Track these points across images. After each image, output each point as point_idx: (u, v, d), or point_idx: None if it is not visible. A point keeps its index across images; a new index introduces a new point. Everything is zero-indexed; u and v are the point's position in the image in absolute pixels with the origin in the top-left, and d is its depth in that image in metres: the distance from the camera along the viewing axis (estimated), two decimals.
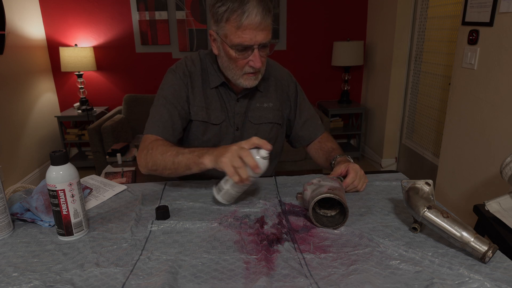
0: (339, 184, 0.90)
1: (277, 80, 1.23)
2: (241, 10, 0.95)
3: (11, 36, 2.88)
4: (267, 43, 1.01)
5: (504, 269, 0.68)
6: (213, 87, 1.16)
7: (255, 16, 0.95)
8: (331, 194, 0.82)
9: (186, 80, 1.16)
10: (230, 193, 0.93)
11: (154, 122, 1.12)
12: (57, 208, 0.78)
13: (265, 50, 1.03)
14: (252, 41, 0.98)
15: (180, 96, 1.14)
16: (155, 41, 3.44)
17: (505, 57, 1.70)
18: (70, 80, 3.52)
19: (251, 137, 0.88)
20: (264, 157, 0.86)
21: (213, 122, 1.17)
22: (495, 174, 1.81)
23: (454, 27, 2.47)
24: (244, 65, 1.04)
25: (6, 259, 0.75)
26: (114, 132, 2.97)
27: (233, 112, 1.18)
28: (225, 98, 1.17)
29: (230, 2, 0.96)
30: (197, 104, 1.15)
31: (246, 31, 0.97)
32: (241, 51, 1.01)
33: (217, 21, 1.00)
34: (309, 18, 3.54)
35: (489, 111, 1.82)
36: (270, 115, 1.21)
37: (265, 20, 0.97)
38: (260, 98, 1.20)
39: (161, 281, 0.65)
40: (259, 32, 0.98)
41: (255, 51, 1.00)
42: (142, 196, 1.02)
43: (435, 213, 0.75)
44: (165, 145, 1.05)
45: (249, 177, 0.85)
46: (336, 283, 0.65)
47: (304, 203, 0.91)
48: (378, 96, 3.44)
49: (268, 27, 1.00)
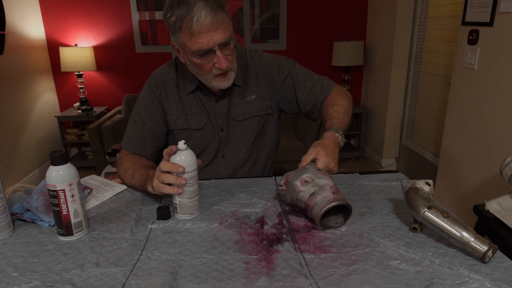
0: (331, 179, 0.88)
1: (257, 69, 1.19)
2: (190, 16, 0.91)
3: (11, 36, 2.88)
4: (227, 41, 0.97)
5: (504, 269, 0.68)
6: (190, 92, 1.14)
7: (205, 18, 0.91)
8: (341, 201, 0.81)
9: (159, 91, 1.15)
10: (185, 203, 0.88)
11: (127, 138, 1.18)
12: (57, 208, 0.78)
13: (227, 48, 1.00)
14: (209, 43, 0.95)
15: (151, 110, 1.15)
16: (155, 41, 3.44)
17: (505, 57, 1.70)
18: (70, 80, 3.52)
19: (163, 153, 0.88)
20: (182, 148, 0.86)
21: (194, 128, 1.16)
22: (495, 174, 1.81)
23: (454, 27, 2.47)
24: (211, 69, 1.01)
25: (6, 259, 0.75)
26: (114, 132, 2.97)
27: (215, 114, 1.16)
28: (204, 101, 1.15)
29: (178, 10, 0.93)
30: (174, 113, 1.15)
31: (200, 36, 0.94)
32: (203, 56, 0.98)
33: (173, 32, 0.98)
34: (309, 18, 3.54)
35: (489, 111, 1.82)
36: (254, 109, 1.18)
37: (217, 18, 0.93)
38: (241, 92, 1.17)
39: (161, 281, 0.65)
40: (214, 32, 0.94)
41: (217, 53, 0.97)
42: (142, 196, 1.02)
43: (435, 213, 0.74)
44: (129, 162, 1.10)
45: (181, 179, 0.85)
46: (336, 283, 0.65)
47: (298, 202, 0.87)
48: (378, 96, 3.44)
49: (223, 24, 0.95)
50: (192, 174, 0.87)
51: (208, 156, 1.21)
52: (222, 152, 1.21)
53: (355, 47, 3.38)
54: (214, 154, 1.21)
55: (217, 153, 1.21)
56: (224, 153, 1.22)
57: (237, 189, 1.05)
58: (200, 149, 1.19)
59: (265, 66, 1.20)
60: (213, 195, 1.02)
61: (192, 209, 0.90)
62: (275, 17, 3.47)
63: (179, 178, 0.86)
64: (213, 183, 1.10)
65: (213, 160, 1.22)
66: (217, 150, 1.21)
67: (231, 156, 1.22)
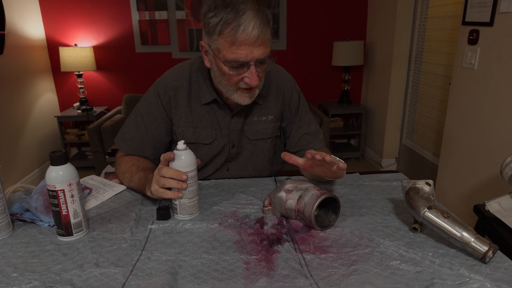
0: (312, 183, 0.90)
1: (279, 89, 1.14)
2: (236, 23, 0.84)
3: (11, 36, 2.88)
4: (264, 59, 0.92)
5: (504, 269, 0.68)
6: (204, 104, 1.08)
7: (252, 30, 0.85)
8: (329, 194, 0.82)
9: (167, 98, 1.08)
10: (184, 204, 0.88)
11: (125, 139, 1.12)
12: (56, 209, 0.78)
13: (262, 66, 0.94)
14: (248, 57, 0.88)
15: (155, 117, 1.09)
16: (155, 41, 3.44)
17: (505, 57, 1.70)
18: (70, 80, 3.52)
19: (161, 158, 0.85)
20: (182, 148, 0.85)
21: (202, 142, 1.10)
22: (495, 174, 1.81)
23: (454, 27, 2.47)
24: (238, 81, 0.95)
25: (5, 259, 0.74)
26: (114, 132, 2.97)
27: (228, 129, 1.10)
28: (218, 115, 1.09)
29: (224, 13, 0.85)
30: (182, 125, 1.09)
31: (241, 47, 0.87)
32: (236, 68, 0.91)
33: (209, 33, 0.90)
34: (309, 18, 3.54)
35: (489, 111, 1.82)
36: (269, 130, 1.13)
37: (263, 34, 0.87)
38: (259, 111, 1.12)
39: (161, 281, 0.65)
40: (256, 47, 0.88)
41: (251, 68, 0.91)
42: (142, 197, 1.02)
43: (436, 213, 0.74)
44: (127, 164, 1.07)
45: (183, 184, 0.84)
46: (336, 283, 0.65)
47: (289, 212, 0.87)
48: (378, 96, 3.44)
49: (266, 41, 0.89)
50: (192, 175, 0.87)
51: (212, 168, 1.17)
52: (228, 165, 1.18)
53: (355, 47, 3.38)
54: (219, 167, 1.17)
55: (222, 166, 1.17)
56: (229, 167, 1.18)
57: (237, 189, 1.05)
58: (205, 162, 1.14)
59: (287, 89, 1.15)
60: (213, 195, 1.02)
61: (192, 209, 0.89)
62: (275, 17, 3.47)
63: (180, 182, 0.84)
64: (213, 183, 1.10)
65: (216, 172, 1.18)
66: (223, 164, 1.17)
67: (236, 171, 1.18)
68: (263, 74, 0.98)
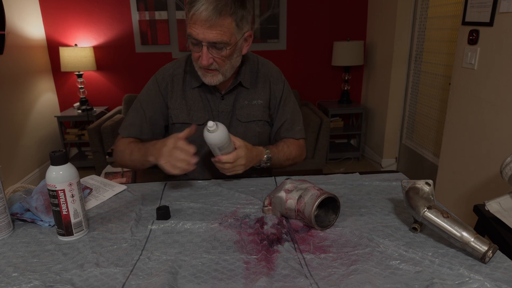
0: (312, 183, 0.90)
1: (266, 76, 1.21)
2: (194, 2, 0.95)
3: (11, 36, 2.88)
4: (216, 44, 0.99)
5: (504, 269, 0.68)
6: (194, 87, 1.16)
7: (201, 11, 0.94)
8: (329, 194, 0.82)
9: (164, 84, 1.18)
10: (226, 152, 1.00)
11: (126, 125, 1.21)
12: (57, 208, 0.78)
13: (218, 52, 1.01)
14: (199, 36, 0.98)
15: (153, 102, 1.18)
16: (155, 41, 3.44)
17: (505, 57, 1.70)
18: (70, 80, 3.52)
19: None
20: (211, 129, 0.91)
21: (196, 123, 1.15)
22: (495, 174, 1.81)
23: (454, 27, 2.47)
24: (197, 59, 1.05)
25: (6, 259, 0.75)
26: (114, 132, 2.97)
27: (218, 111, 1.18)
28: (208, 97, 1.17)
29: None
30: (176, 107, 1.17)
31: (195, 25, 0.97)
32: (194, 45, 1.01)
33: None
34: (309, 18, 3.54)
35: (489, 111, 1.82)
36: (259, 113, 1.20)
37: (215, 18, 0.95)
38: (248, 95, 1.19)
39: (161, 281, 0.65)
40: (207, 29, 0.96)
41: (203, 48, 0.99)
42: (142, 196, 1.02)
43: (435, 213, 0.74)
44: (125, 143, 1.16)
45: (190, 164, 0.94)
46: (336, 283, 0.65)
47: (289, 212, 0.87)
48: (378, 96, 3.44)
49: (222, 28, 0.97)
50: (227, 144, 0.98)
51: (206, 152, 1.20)
52: None
53: (355, 47, 3.38)
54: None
55: None
56: None
57: (237, 189, 1.05)
58: (199, 144, 1.17)
59: (273, 77, 1.22)
60: (213, 195, 1.02)
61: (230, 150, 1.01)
62: (275, 17, 3.47)
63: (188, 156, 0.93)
64: (213, 183, 1.10)
65: (210, 153, 1.21)
66: None
67: None
68: (223, 60, 1.04)
